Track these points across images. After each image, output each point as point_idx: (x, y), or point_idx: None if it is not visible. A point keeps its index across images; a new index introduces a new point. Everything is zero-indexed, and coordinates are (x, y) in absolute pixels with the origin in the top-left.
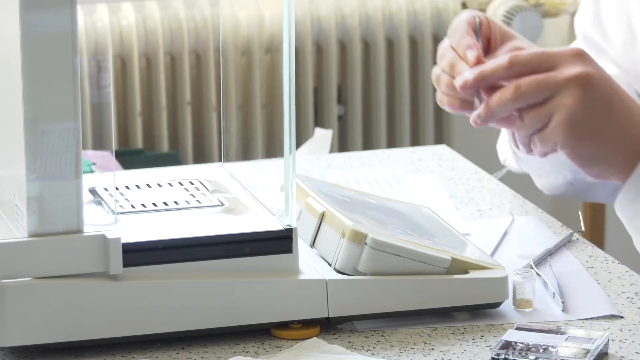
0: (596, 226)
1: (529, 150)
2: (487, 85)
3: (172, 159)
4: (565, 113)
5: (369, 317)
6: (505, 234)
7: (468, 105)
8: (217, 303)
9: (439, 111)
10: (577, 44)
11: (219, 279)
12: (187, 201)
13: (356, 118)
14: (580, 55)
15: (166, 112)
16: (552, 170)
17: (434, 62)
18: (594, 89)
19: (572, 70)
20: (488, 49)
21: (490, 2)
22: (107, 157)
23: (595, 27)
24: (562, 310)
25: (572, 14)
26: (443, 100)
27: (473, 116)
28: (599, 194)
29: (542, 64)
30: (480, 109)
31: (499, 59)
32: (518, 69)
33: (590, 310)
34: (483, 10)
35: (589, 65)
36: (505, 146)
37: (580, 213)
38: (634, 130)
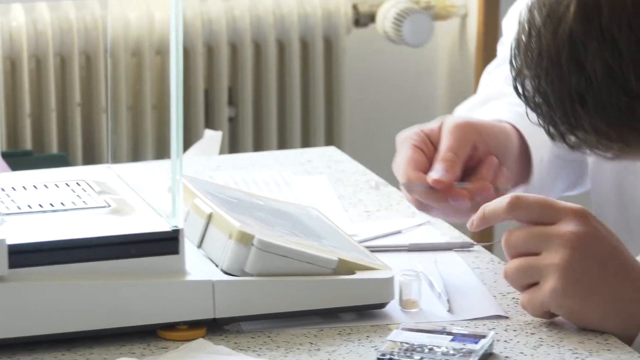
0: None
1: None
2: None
3: (62, 160)
4: (556, 274)
5: (256, 318)
6: (391, 234)
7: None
8: (103, 304)
9: (329, 113)
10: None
11: (105, 280)
12: (73, 202)
13: (247, 120)
14: (583, 216)
15: (56, 114)
16: None
17: (325, 64)
18: (586, 251)
19: (567, 227)
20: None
21: (382, 4)
22: None
23: None
24: (448, 311)
25: (463, 17)
26: (414, 203)
27: (469, 223)
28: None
29: (543, 216)
30: (475, 217)
31: (500, 200)
32: (518, 214)
33: (476, 310)
34: (374, 13)
35: (588, 227)
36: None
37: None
38: (631, 295)
